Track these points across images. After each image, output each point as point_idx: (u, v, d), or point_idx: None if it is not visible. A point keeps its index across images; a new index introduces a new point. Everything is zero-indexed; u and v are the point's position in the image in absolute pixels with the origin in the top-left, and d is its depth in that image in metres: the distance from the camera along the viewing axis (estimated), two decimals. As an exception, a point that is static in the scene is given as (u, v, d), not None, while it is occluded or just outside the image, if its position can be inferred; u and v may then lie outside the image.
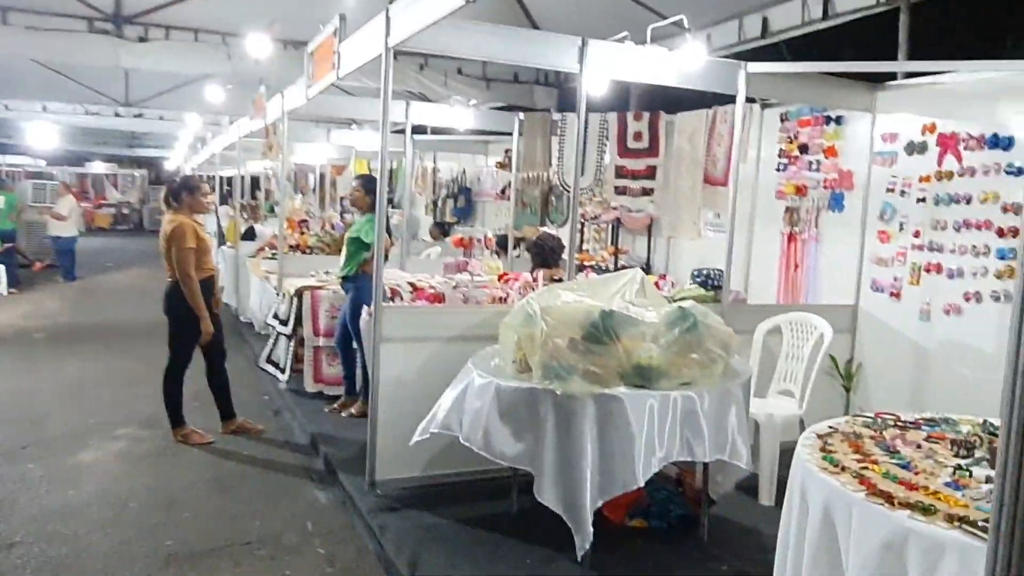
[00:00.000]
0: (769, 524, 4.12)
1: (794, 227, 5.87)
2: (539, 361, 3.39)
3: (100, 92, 12.72)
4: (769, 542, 3.93)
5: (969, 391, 4.72)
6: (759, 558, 3.73)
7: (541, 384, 3.35)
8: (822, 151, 5.68)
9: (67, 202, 13.93)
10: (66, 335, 9.10)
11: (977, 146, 4.68)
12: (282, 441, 5.56)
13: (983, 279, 4.65)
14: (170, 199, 5.28)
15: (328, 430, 5.50)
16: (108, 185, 27.66)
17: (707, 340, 3.45)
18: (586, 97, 4.57)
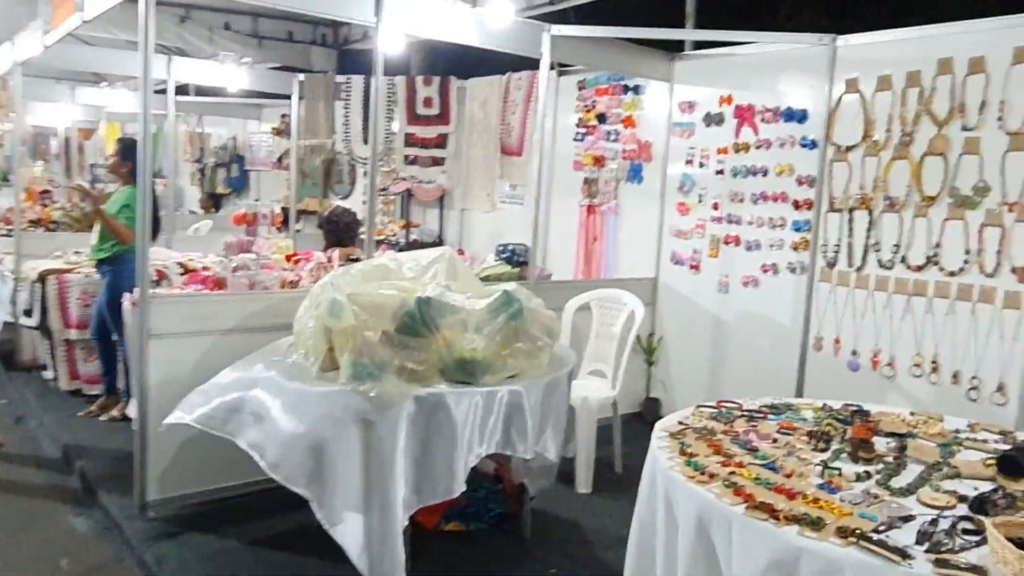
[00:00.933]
0: (589, 515, 3.83)
1: (593, 199, 5.64)
2: (347, 359, 2.79)
3: None
4: (591, 535, 3.64)
5: (767, 361, 4.73)
6: (582, 554, 3.44)
7: (349, 385, 2.75)
8: (620, 121, 5.47)
9: None
10: None
11: (773, 119, 4.65)
12: (27, 456, 4.48)
13: (780, 251, 4.65)
14: None
15: (85, 439, 4.50)
16: None
17: (533, 326, 3.02)
18: (383, 56, 3.94)
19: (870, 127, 4.25)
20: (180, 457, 3.55)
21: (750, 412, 2.60)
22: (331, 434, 2.76)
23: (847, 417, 2.56)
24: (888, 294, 4.19)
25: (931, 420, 2.62)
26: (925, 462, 2.21)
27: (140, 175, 3.39)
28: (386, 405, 2.72)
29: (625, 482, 4.26)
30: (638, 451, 4.75)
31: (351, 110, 6.55)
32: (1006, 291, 3.78)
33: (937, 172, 4.00)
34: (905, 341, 4.14)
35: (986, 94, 3.84)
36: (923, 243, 4.06)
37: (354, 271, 3.32)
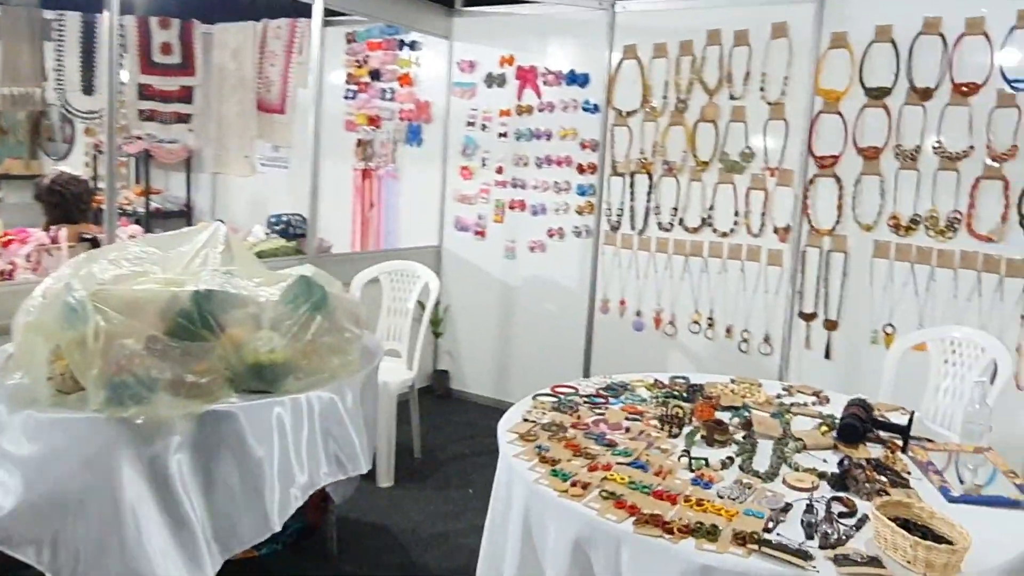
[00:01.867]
0: (396, 513, 3.44)
1: (368, 162, 5.13)
2: (98, 376, 2.12)
3: None
4: (404, 537, 3.23)
5: (555, 325, 4.62)
6: (399, 561, 3.07)
7: (105, 411, 2.09)
8: (396, 79, 4.99)
9: None
10: None
11: (555, 81, 4.46)
12: None
13: (565, 215, 4.51)
14: None
15: None
16: None
17: (338, 316, 2.54)
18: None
19: (648, 93, 4.21)
20: None
21: (590, 398, 2.37)
22: (81, 482, 2.08)
23: (684, 393, 2.43)
24: (668, 255, 4.23)
25: (752, 387, 2.58)
26: (772, 437, 2.12)
27: None
28: (160, 434, 2.11)
29: (427, 468, 3.94)
30: (434, 430, 4.50)
31: (66, 53, 5.36)
32: (769, 250, 3.94)
33: (709, 138, 4.06)
34: (684, 300, 4.21)
35: (750, 65, 3.93)
36: (698, 206, 4.12)
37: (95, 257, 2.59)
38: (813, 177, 3.79)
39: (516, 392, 4.80)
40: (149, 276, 2.54)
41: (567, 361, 4.56)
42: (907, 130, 3.54)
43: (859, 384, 3.72)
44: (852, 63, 3.64)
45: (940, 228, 3.49)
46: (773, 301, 3.96)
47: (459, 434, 4.42)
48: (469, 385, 5.01)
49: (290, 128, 5.28)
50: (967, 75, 3.39)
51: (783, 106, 3.85)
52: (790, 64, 3.81)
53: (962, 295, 3.46)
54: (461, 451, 4.18)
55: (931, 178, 3.50)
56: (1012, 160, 3.31)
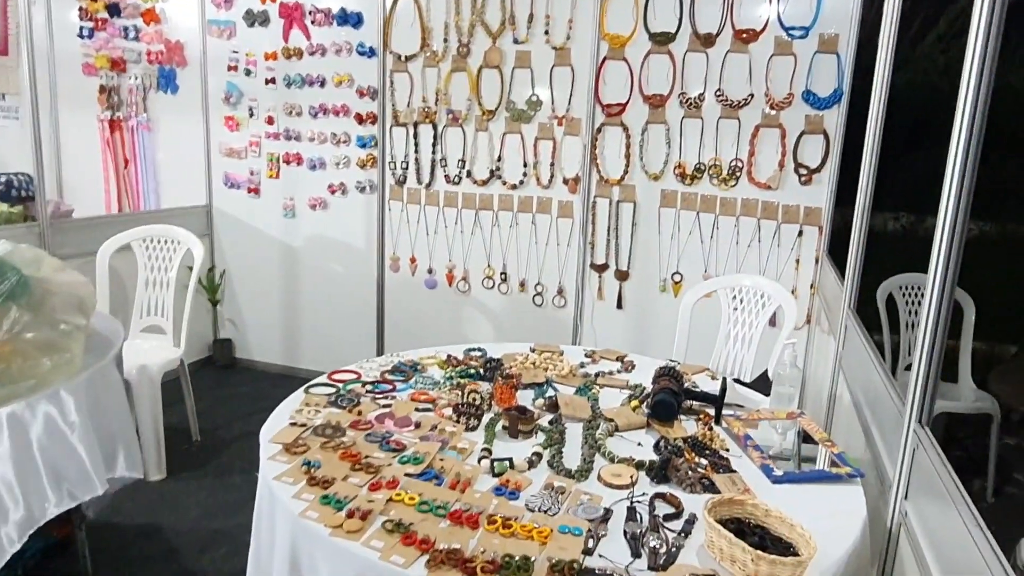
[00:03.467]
0: (169, 509, 2.80)
1: (116, 112, 4.19)
2: None
3: None
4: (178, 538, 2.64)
5: (344, 286, 4.09)
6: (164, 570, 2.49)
7: None
8: (140, 15, 4.07)
9: None
10: None
11: (325, 21, 3.82)
12: None
13: (347, 169, 3.94)
14: None
15: None
16: None
17: (49, 304, 1.87)
18: None
19: (427, 36, 3.71)
20: None
21: (374, 385, 1.92)
22: None
23: (481, 371, 2.05)
24: (457, 209, 3.83)
25: (554, 356, 2.26)
26: (581, 419, 1.80)
27: None
28: None
29: (207, 452, 3.32)
30: (215, 407, 3.82)
31: None
32: (560, 201, 3.67)
33: (495, 86, 3.66)
34: (476, 255, 3.85)
35: (533, 8, 3.56)
36: (486, 157, 3.74)
37: None
38: (601, 126, 3.53)
39: (306, 358, 4.25)
40: None
41: (359, 323, 4.07)
42: (691, 78, 3.35)
43: (651, 332, 3.59)
44: (636, 6, 3.38)
45: (723, 176, 3.37)
46: (565, 253, 3.70)
47: (245, 409, 3.80)
48: (255, 353, 4.36)
49: (16, 72, 4.19)
50: (747, 22, 3.24)
51: (568, 51, 3.52)
52: (574, 7, 3.48)
53: (743, 242, 3.39)
54: (247, 428, 3.58)
55: (714, 127, 3.35)
56: (788, 108, 3.22)
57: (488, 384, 1.94)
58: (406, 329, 4.03)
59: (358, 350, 4.08)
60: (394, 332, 4.05)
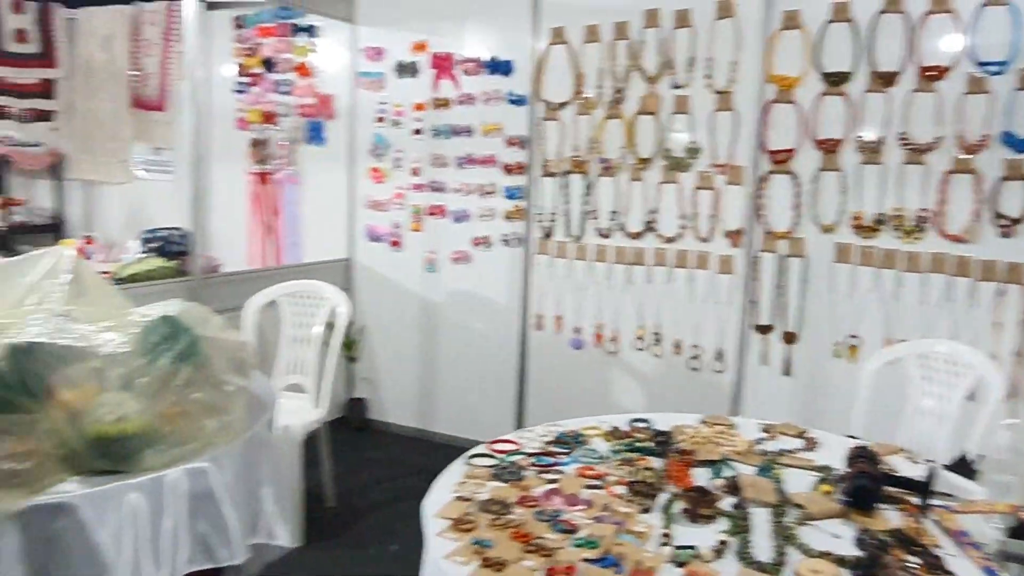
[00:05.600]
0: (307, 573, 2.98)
1: (265, 165, 4.57)
2: None
3: None
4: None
5: (484, 345, 4.19)
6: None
7: None
8: (293, 69, 4.45)
9: None
10: None
11: (475, 70, 4.02)
12: None
13: (492, 222, 4.08)
14: None
15: None
16: None
17: (215, 364, 2.03)
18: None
19: (580, 82, 3.82)
20: None
21: (537, 457, 1.94)
22: None
23: (650, 445, 2.03)
24: (608, 264, 3.86)
25: (727, 429, 2.21)
26: (767, 503, 1.74)
27: None
28: (-35, 540, 1.58)
29: (343, 520, 3.45)
30: (350, 471, 3.96)
31: None
32: (720, 256, 3.62)
33: (651, 132, 3.70)
34: (627, 314, 3.84)
35: (693, 50, 3.59)
36: (640, 209, 3.76)
37: None
38: (766, 174, 3.48)
39: (442, 421, 4.36)
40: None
41: (499, 385, 4.14)
42: (869, 120, 3.25)
43: (824, 403, 3.43)
44: (807, 46, 3.34)
45: (907, 228, 3.22)
46: (725, 313, 3.63)
47: (379, 474, 3.93)
48: (389, 415, 4.52)
49: (172, 128, 4.67)
50: (934, 58, 3.12)
51: (731, 95, 3.52)
52: (738, 48, 3.49)
53: (932, 302, 3.20)
54: (382, 496, 3.70)
55: (896, 173, 3.22)
56: (984, 152, 3.05)
57: (659, 460, 1.91)
58: (549, 392, 4.06)
59: (496, 414, 4.15)
60: (536, 395, 4.09)
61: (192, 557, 1.90)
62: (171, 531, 1.84)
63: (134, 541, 1.77)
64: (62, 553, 1.70)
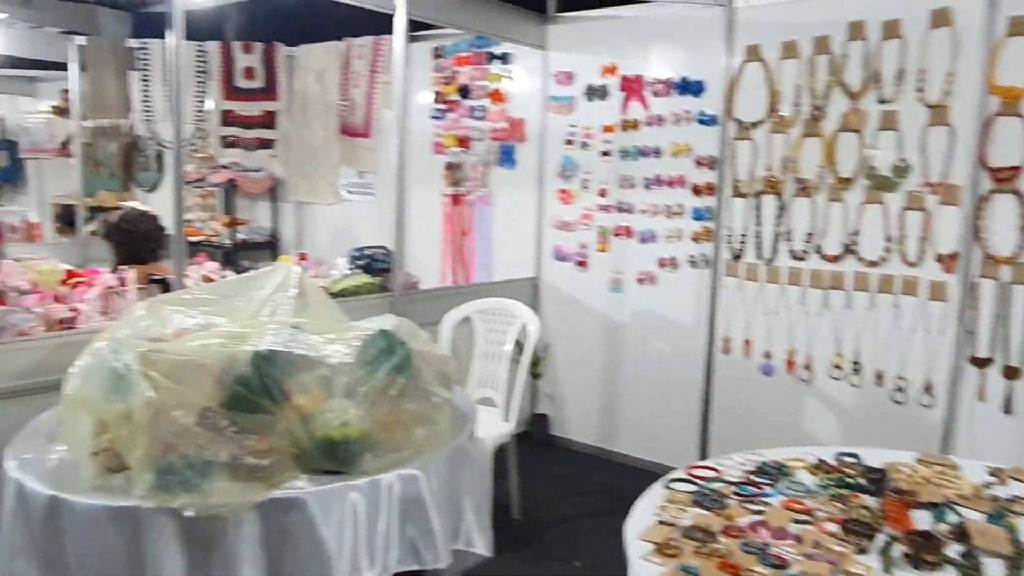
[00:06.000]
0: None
1: (458, 187, 4.80)
2: (144, 457, 1.81)
3: None
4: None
5: (669, 367, 4.15)
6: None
7: (152, 499, 1.79)
8: (487, 95, 4.65)
9: None
10: None
11: (665, 91, 4.01)
12: None
13: (679, 243, 4.04)
14: None
15: None
16: None
17: (424, 377, 2.17)
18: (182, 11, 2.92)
19: (776, 100, 3.71)
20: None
21: (739, 486, 1.90)
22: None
23: (862, 481, 1.93)
24: (803, 288, 3.70)
25: (948, 470, 2.05)
26: (999, 554, 1.60)
27: None
28: (215, 529, 1.78)
29: (528, 532, 3.53)
30: (534, 485, 3.99)
31: (152, 83, 5.29)
32: (931, 281, 3.37)
33: (853, 150, 3.52)
34: (823, 339, 3.66)
35: (903, 62, 3.38)
36: (839, 230, 3.58)
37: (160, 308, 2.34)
38: (987, 193, 3.20)
39: (623, 441, 4.35)
40: (213, 331, 2.26)
41: (683, 408, 4.08)
42: (1117, 134, 2.92)
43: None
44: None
45: None
46: (936, 343, 3.37)
47: (562, 489, 3.99)
48: (571, 432, 4.57)
49: (376, 153, 5.02)
50: None
51: (947, 109, 3.28)
52: (955, 58, 3.25)
53: None
54: (565, 511, 3.75)
55: None
56: None
57: (874, 498, 1.81)
58: (735, 418, 3.94)
59: (679, 437, 4.09)
60: (721, 420, 3.99)
61: (401, 558, 2.03)
62: (384, 531, 1.98)
63: (353, 538, 1.92)
64: (293, 544, 1.87)
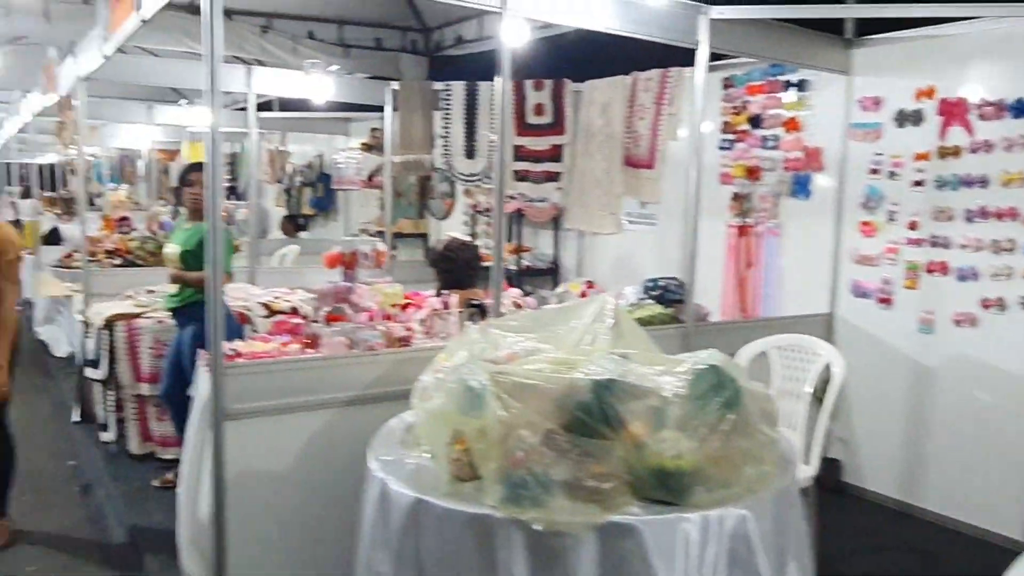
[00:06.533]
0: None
1: (745, 218, 4.72)
2: (497, 470, 1.99)
3: None
4: None
5: (988, 421, 3.74)
6: None
7: (502, 509, 1.95)
8: (781, 124, 4.53)
9: None
10: None
11: (995, 114, 3.66)
12: (89, 541, 3.81)
13: (1008, 281, 3.64)
14: None
15: (157, 520, 3.83)
16: None
17: (752, 415, 2.16)
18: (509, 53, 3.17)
19: None
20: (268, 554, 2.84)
21: None
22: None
23: None
24: None
25: None
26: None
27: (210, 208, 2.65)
28: (559, 545, 1.90)
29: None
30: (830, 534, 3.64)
31: (452, 121, 5.82)
32: None
33: None
34: None
35: None
36: None
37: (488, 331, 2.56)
38: None
39: (931, 497, 3.98)
40: (539, 355, 2.43)
41: (1006, 466, 3.65)
42: None
43: None
44: None
45: None
46: None
47: (860, 543, 3.76)
48: (866, 480, 4.27)
49: (658, 184, 5.09)
50: None
51: None
52: None
53: None
54: (868, 568, 3.53)
55: None
56: None
57: None
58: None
59: (1003, 498, 3.66)
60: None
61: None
62: (712, 566, 1.98)
63: (684, 571, 1.95)
64: (626, 569, 1.94)
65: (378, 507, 2.22)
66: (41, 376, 6.59)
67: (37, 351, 7.11)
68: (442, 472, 2.13)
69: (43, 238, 8.14)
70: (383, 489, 2.20)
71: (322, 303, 3.37)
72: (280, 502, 2.83)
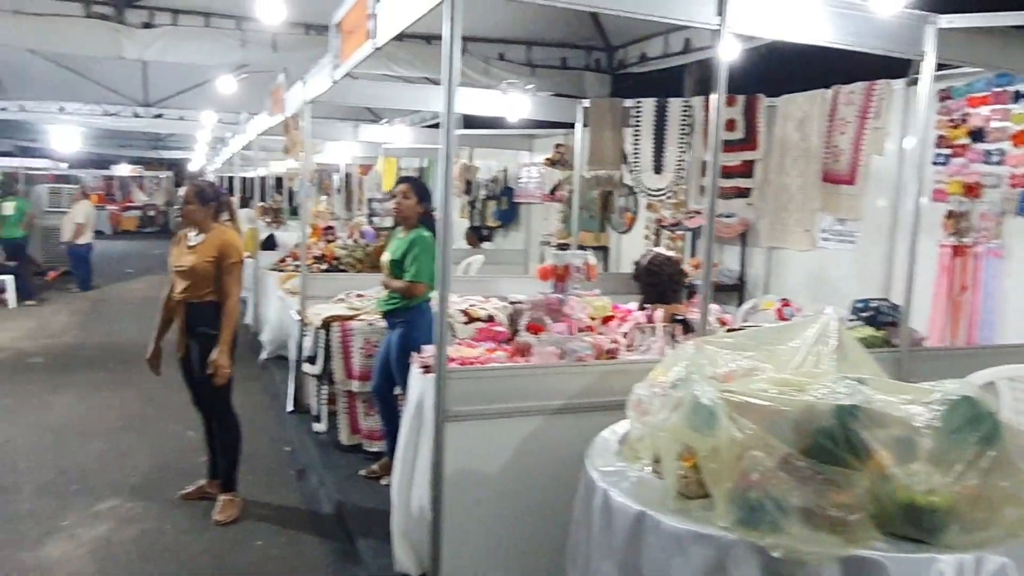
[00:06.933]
0: None
1: (962, 238, 4.31)
2: (731, 490, 1.90)
3: (117, 92, 11.48)
4: None
5: None
6: None
7: (734, 531, 1.86)
8: (1008, 137, 4.11)
9: (83, 207, 12.57)
10: (67, 359, 7.68)
11: None
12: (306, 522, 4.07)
13: None
14: (211, 205, 4.02)
15: (366, 507, 4.02)
16: (134, 187, 26.36)
17: (1012, 453, 1.94)
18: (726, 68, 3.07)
19: None
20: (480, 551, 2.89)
21: None
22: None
23: None
24: None
25: None
26: None
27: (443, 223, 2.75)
28: (798, 573, 1.79)
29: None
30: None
31: (641, 137, 5.75)
32: None
33: None
34: None
35: None
36: None
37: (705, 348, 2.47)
38: None
39: None
40: (759, 375, 2.31)
41: None
42: None
43: None
44: None
45: None
46: None
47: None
48: None
49: (860, 200, 4.77)
50: None
51: None
52: None
53: None
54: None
55: None
56: None
57: None
58: None
59: None
60: None
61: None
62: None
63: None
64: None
65: (601, 518, 2.19)
66: (254, 368, 7.14)
67: (258, 349, 7.71)
68: (668, 488, 2.07)
69: (261, 244, 8.84)
70: (605, 499, 2.17)
71: (534, 313, 3.40)
72: (492, 500, 2.88)
